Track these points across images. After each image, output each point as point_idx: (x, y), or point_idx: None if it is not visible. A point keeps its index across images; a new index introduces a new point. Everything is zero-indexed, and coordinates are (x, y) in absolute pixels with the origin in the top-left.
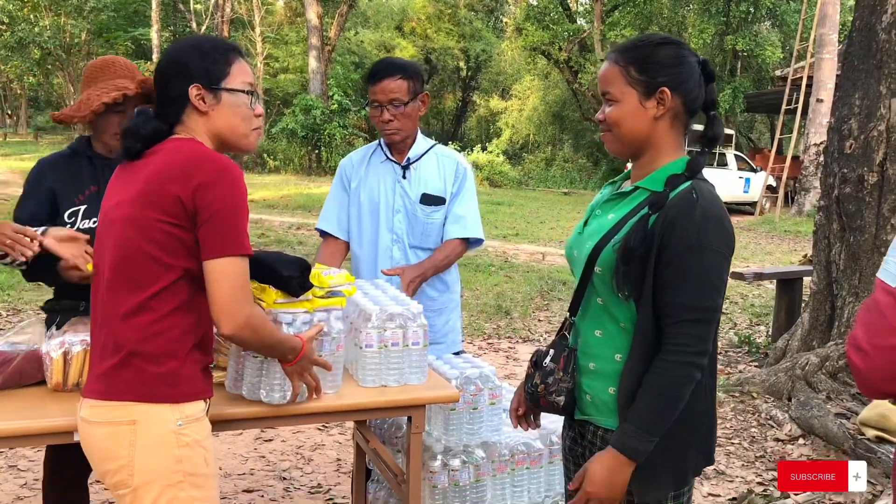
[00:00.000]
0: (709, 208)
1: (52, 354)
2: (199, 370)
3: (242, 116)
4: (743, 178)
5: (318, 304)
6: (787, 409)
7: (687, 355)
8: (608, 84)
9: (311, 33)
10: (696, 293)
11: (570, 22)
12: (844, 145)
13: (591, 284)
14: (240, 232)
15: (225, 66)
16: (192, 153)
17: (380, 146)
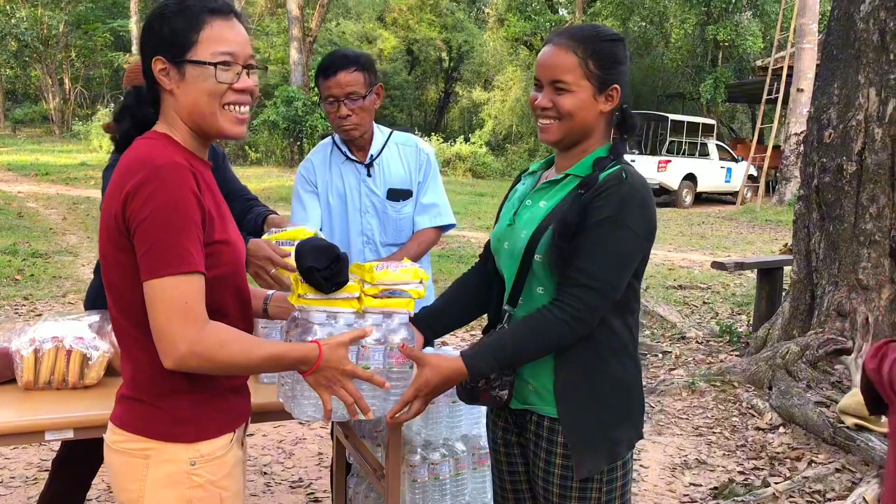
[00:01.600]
0: (635, 189)
1: (23, 352)
2: (219, 401)
3: (208, 94)
4: (724, 167)
5: (370, 304)
6: (768, 397)
7: (571, 317)
8: (563, 72)
9: (292, 24)
10: (601, 264)
11: (551, 12)
12: (823, 135)
13: (530, 273)
14: (172, 245)
15: (192, 32)
16: (132, 157)
17: (335, 145)
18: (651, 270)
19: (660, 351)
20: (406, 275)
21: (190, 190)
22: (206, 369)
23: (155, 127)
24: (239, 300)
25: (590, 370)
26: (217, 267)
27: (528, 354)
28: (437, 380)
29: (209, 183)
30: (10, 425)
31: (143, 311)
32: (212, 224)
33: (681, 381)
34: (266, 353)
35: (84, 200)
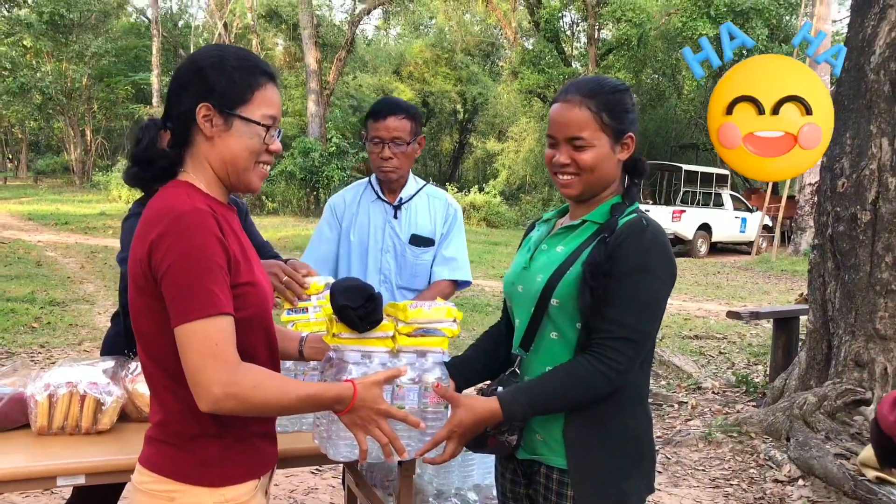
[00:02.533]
0: (657, 235)
1: (37, 397)
2: (247, 446)
3: (250, 150)
4: (739, 217)
5: (404, 343)
6: (786, 449)
7: (610, 369)
8: (579, 128)
9: (310, 78)
10: (636, 314)
11: (564, 65)
12: (837, 184)
13: (546, 318)
14: (198, 290)
15: (248, 90)
16: (155, 208)
17: (370, 185)
18: (667, 320)
19: (675, 401)
20: (440, 313)
21: (213, 235)
22: (242, 411)
23: (180, 174)
24: (267, 342)
25: (602, 421)
26: (245, 308)
27: (565, 403)
28: (470, 420)
29: (233, 227)
30: (23, 470)
31: (173, 357)
32: (237, 267)
33: (697, 431)
34: (301, 392)
35: (102, 249)
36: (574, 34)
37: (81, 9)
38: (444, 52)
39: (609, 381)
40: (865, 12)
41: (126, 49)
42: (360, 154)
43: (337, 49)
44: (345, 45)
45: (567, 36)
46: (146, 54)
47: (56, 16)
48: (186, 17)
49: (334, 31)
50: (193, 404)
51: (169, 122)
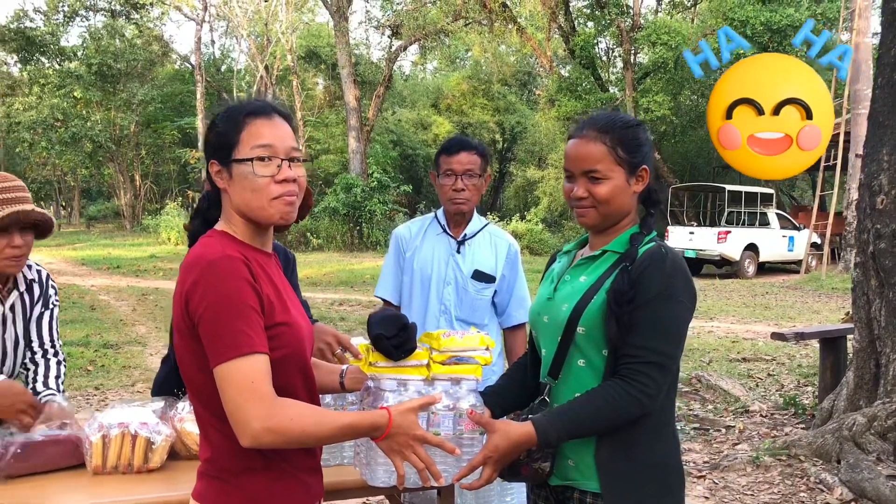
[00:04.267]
0: (677, 262)
1: (92, 438)
2: (292, 481)
3: (253, 189)
4: (786, 236)
5: (438, 371)
6: (837, 471)
7: (642, 393)
8: (595, 162)
9: (350, 115)
10: (662, 339)
11: (602, 91)
12: (876, 201)
13: (573, 346)
14: (231, 332)
15: (234, 134)
16: (190, 256)
17: (436, 219)
18: (714, 343)
19: (723, 426)
20: (472, 342)
21: (243, 279)
22: (282, 444)
23: (217, 224)
24: (304, 378)
25: (631, 445)
26: (280, 348)
27: (597, 427)
28: (505, 445)
29: (267, 270)
30: None
31: (214, 397)
32: (271, 308)
33: (745, 455)
34: (338, 422)
35: (153, 291)
36: (610, 59)
37: (128, 59)
38: (480, 84)
39: (640, 405)
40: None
41: (171, 95)
42: (402, 188)
43: (375, 86)
44: (383, 82)
45: (603, 62)
46: (191, 99)
47: (104, 67)
48: (229, 62)
49: (372, 69)
50: (238, 441)
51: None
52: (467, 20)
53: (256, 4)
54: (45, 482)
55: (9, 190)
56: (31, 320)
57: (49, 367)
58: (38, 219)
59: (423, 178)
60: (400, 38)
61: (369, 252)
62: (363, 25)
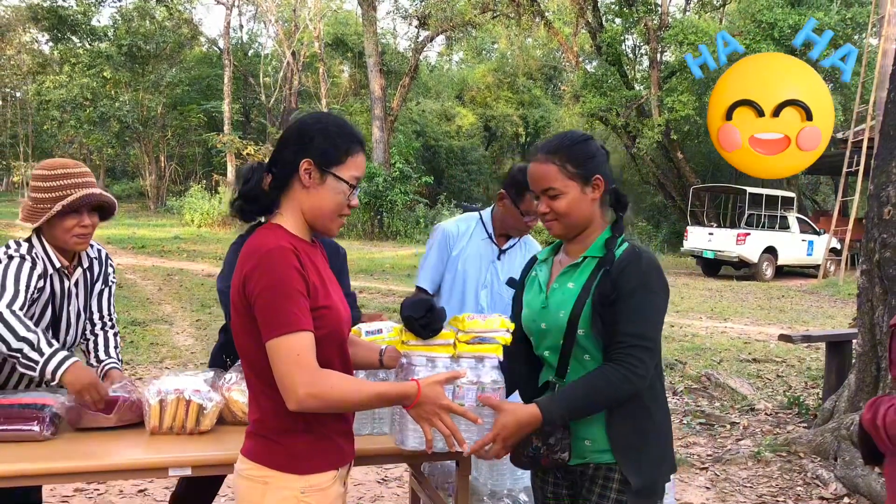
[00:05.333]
0: (651, 260)
1: (151, 401)
2: (328, 442)
3: (336, 203)
4: (806, 240)
5: (463, 350)
6: (833, 468)
7: (632, 374)
8: (550, 181)
9: (375, 104)
10: (645, 325)
11: (627, 88)
12: (883, 211)
13: (576, 346)
14: (282, 312)
15: (343, 154)
16: (249, 245)
17: (482, 223)
18: (726, 343)
19: (728, 422)
20: (493, 324)
21: (293, 267)
22: (323, 408)
23: (275, 216)
24: (341, 355)
25: (637, 418)
26: (323, 328)
27: (596, 407)
28: (513, 424)
29: (314, 261)
30: (142, 462)
31: (266, 367)
32: (316, 293)
33: (747, 450)
34: (372, 390)
35: (178, 272)
36: (636, 57)
37: (158, 41)
38: (506, 77)
39: (631, 384)
40: None
41: (199, 78)
42: (423, 179)
43: (401, 76)
44: (409, 72)
45: (629, 59)
46: (218, 83)
47: (134, 48)
48: (256, 47)
49: (398, 59)
50: (283, 405)
51: (274, 168)
52: (495, 13)
53: None
54: (108, 437)
55: (79, 175)
56: (91, 295)
57: (108, 338)
58: (105, 201)
59: (445, 170)
60: (427, 29)
61: (389, 241)
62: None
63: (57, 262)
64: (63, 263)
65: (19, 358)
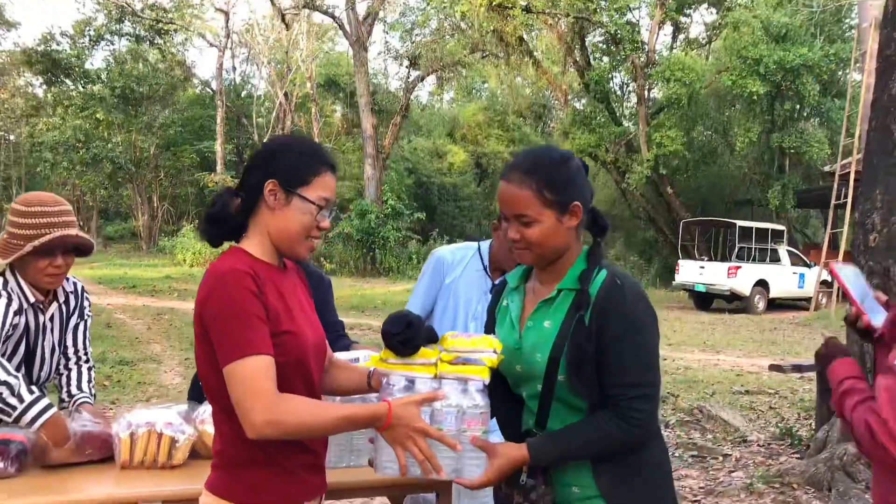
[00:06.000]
0: (635, 290)
1: (121, 434)
2: (288, 475)
3: (303, 225)
4: (797, 273)
5: (445, 370)
6: (827, 499)
7: (633, 426)
8: (523, 207)
9: (367, 142)
10: (640, 372)
11: (615, 125)
12: (869, 238)
13: (557, 393)
14: (235, 336)
15: (309, 174)
16: (207, 271)
17: (479, 254)
18: (718, 376)
19: (720, 454)
20: (480, 343)
21: (247, 290)
22: (284, 435)
23: (242, 240)
24: (305, 384)
25: (630, 462)
26: (284, 354)
27: (588, 455)
28: (507, 468)
29: (278, 284)
30: (112, 497)
31: (224, 395)
32: (277, 317)
33: (739, 482)
34: (338, 413)
35: (168, 311)
36: (624, 94)
37: (151, 82)
38: (496, 115)
39: (632, 436)
40: (890, 74)
41: (192, 119)
42: (416, 215)
43: (392, 114)
44: (400, 111)
45: (617, 96)
46: (211, 124)
47: (127, 90)
48: (249, 88)
49: (390, 98)
50: (243, 435)
51: (242, 191)
52: (484, 53)
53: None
54: (77, 473)
55: (56, 214)
56: (67, 330)
57: (81, 373)
58: (80, 243)
59: (437, 206)
60: (418, 69)
61: (382, 278)
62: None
63: (31, 297)
64: (38, 298)
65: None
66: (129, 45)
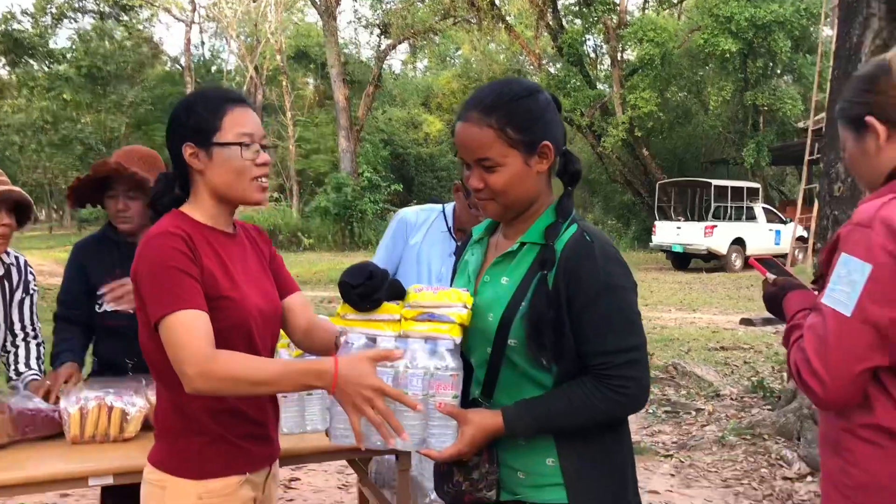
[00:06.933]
0: (606, 247)
1: (70, 409)
2: (228, 444)
3: (234, 170)
4: (773, 230)
5: (410, 328)
6: (797, 448)
7: (623, 396)
8: (485, 150)
9: (340, 114)
10: (622, 336)
11: (590, 88)
12: (833, 188)
13: (505, 360)
14: (165, 291)
15: (216, 119)
16: (143, 236)
17: (443, 216)
18: (694, 333)
19: (693, 409)
20: (447, 297)
21: (174, 249)
22: (217, 388)
23: (183, 206)
24: (248, 351)
25: (596, 451)
26: (223, 320)
27: (570, 428)
28: (481, 438)
29: (217, 248)
30: (61, 472)
31: (160, 360)
32: (213, 281)
33: (711, 436)
34: (275, 367)
35: None
36: (598, 57)
37: (118, 61)
38: (470, 82)
39: (622, 407)
40: (851, 22)
41: (162, 97)
42: (392, 187)
43: (365, 85)
44: (372, 81)
45: (591, 59)
46: None
47: (93, 69)
48: (219, 63)
49: (362, 68)
50: (178, 403)
51: (175, 168)
52: (456, 18)
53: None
54: (24, 450)
55: None
56: (12, 305)
57: (29, 349)
58: (17, 198)
59: (414, 177)
60: (389, 37)
61: (360, 251)
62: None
63: None
64: None
65: None
66: (94, 23)
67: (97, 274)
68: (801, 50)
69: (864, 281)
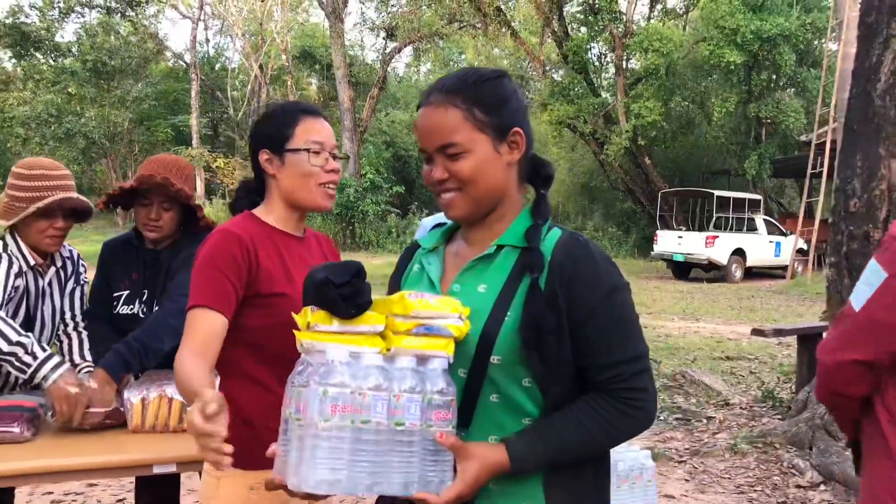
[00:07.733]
0: (598, 247)
1: (132, 400)
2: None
3: (303, 174)
4: (773, 242)
5: (401, 344)
6: (809, 457)
7: (638, 410)
8: (450, 133)
9: (344, 115)
10: (632, 343)
11: (594, 96)
12: (849, 204)
13: (486, 382)
14: (197, 284)
15: (289, 127)
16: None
17: None
18: (699, 343)
19: (704, 416)
20: (445, 306)
21: (227, 250)
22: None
23: (255, 209)
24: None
25: (582, 479)
26: (277, 315)
27: (586, 455)
28: (485, 477)
29: (281, 248)
30: (124, 460)
31: None
32: (269, 279)
33: (723, 443)
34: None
35: None
36: (602, 65)
37: (123, 56)
38: None
39: (639, 423)
40: (871, 42)
41: (165, 93)
42: (394, 188)
43: (369, 87)
44: (377, 83)
45: (595, 67)
46: (185, 97)
47: (99, 63)
48: (223, 61)
49: (367, 70)
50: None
51: (255, 174)
52: (462, 23)
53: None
54: (90, 437)
55: (57, 178)
56: (65, 294)
57: (82, 340)
58: (79, 206)
59: (416, 180)
60: (395, 41)
61: (361, 252)
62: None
63: (31, 259)
64: (37, 261)
65: (13, 361)
66: (100, 18)
67: (115, 276)
68: (805, 64)
69: (877, 285)
